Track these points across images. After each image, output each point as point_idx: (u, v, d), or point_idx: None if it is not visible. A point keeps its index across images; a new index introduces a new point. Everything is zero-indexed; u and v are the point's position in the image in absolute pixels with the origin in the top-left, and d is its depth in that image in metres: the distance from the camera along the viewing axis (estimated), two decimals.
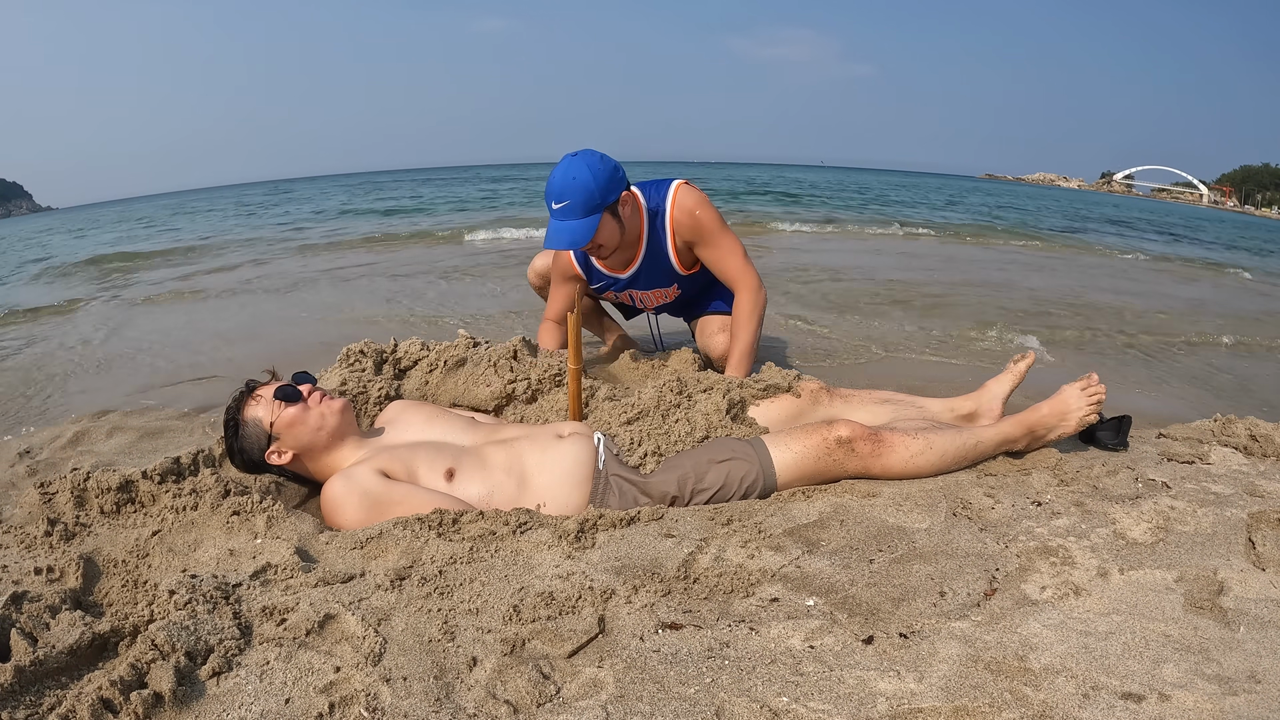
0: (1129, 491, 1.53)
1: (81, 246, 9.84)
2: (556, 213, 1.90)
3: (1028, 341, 3.33)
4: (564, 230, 1.90)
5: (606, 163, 1.93)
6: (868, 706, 0.92)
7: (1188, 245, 10.57)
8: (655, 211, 2.10)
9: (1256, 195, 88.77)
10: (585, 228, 1.89)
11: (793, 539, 1.32)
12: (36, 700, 0.90)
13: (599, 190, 1.89)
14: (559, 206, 1.89)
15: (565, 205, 1.88)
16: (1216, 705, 0.92)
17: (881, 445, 1.53)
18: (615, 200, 1.94)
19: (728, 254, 2.12)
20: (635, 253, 2.14)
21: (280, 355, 2.79)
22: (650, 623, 1.08)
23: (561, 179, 1.89)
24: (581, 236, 1.89)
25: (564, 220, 1.90)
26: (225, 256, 7.15)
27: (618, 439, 1.59)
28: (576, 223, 1.89)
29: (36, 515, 1.38)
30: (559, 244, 1.91)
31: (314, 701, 0.91)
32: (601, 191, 1.89)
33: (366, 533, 1.32)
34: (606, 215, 1.92)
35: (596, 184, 1.88)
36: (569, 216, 1.89)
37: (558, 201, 1.89)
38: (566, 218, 1.90)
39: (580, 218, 1.89)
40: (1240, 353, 3.47)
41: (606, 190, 1.90)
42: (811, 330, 3.41)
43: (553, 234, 1.92)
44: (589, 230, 1.89)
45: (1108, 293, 4.99)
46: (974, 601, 1.15)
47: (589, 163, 1.90)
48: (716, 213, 2.11)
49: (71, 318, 4.24)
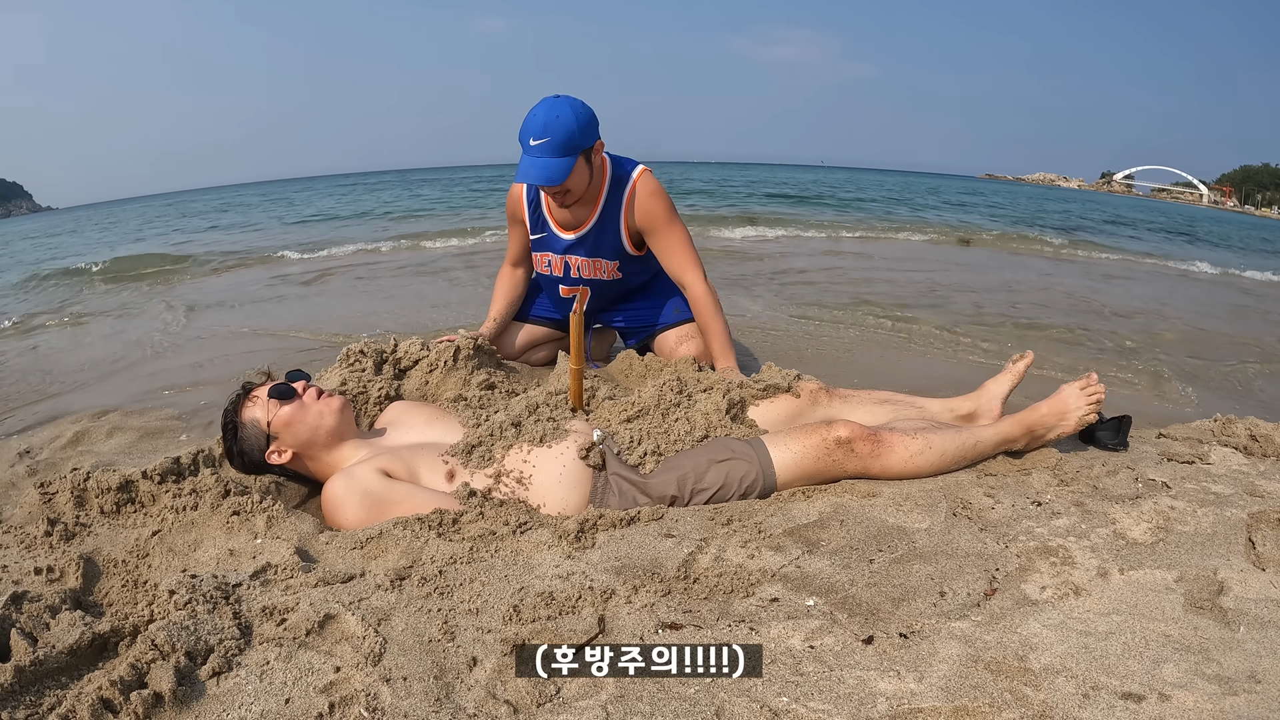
0: (1129, 491, 1.53)
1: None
2: (534, 149, 1.89)
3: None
4: (539, 166, 1.89)
5: (587, 108, 1.93)
6: (868, 706, 0.92)
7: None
8: (619, 179, 2.10)
9: (1256, 195, 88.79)
10: (562, 167, 1.89)
11: (793, 539, 1.32)
12: (36, 700, 0.90)
13: (579, 131, 1.88)
14: (538, 143, 1.88)
15: (545, 142, 1.87)
16: (1216, 705, 0.92)
17: (881, 445, 1.53)
18: (591, 146, 1.94)
19: (677, 244, 2.12)
20: (589, 215, 2.13)
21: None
22: (650, 623, 1.08)
23: (545, 116, 1.88)
24: (557, 174, 1.89)
25: (540, 157, 1.89)
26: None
27: (617, 438, 1.59)
28: (553, 160, 1.89)
29: (36, 515, 1.38)
30: (533, 178, 1.90)
31: (314, 701, 0.91)
32: (582, 133, 1.89)
33: (366, 533, 1.32)
34: (581, 159, 1.92)
35: (578, 124, 1.88)
36: (546, 154, 1.88)
37: (537, 138, 1.88)
38: (544, 155, 1.89)
39: (558, 156, 1.89)
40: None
41: (586, 133, 1.91)
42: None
43: (526, 168, 1.90)
44: (565, 170, 1.89)
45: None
46: (974, 601, 1.15)
47: (572, 104, 1.91)
48: (672, 203, 2.13)
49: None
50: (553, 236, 2.21)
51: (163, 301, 4.60)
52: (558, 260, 2.24)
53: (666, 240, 2.12)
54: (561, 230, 2.18)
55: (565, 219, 2.16)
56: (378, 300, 4.31)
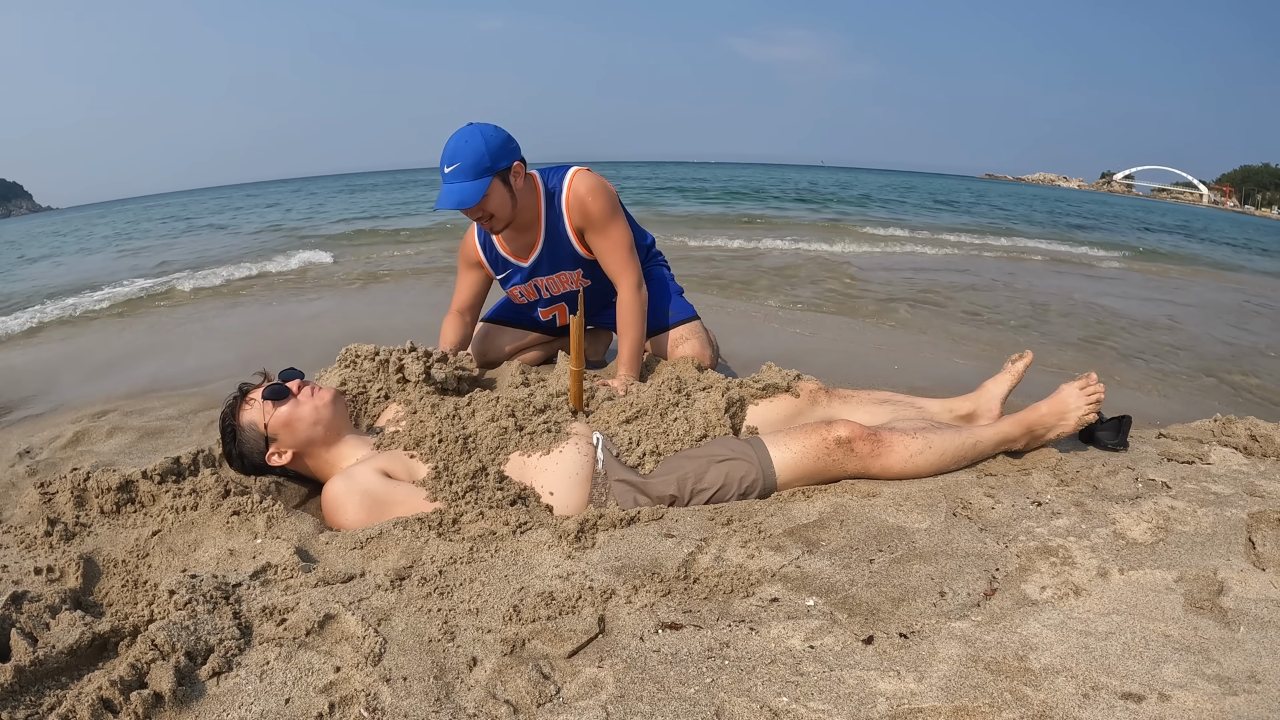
0: (1129, 491, 1.53)
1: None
2: (448, 176, 1.93)
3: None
4: (453, 191, 1.92)
5: (500, 132, 1.96)
6: (868, 706, 0.92)
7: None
8: (552, 192, 2.11)
9: (1256, 195, 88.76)
10: (474, 190, 1.91)
11: (793, 539, 1.32)
12: (36, 700, 0.90)
13: (489, 154, 1.91)
14: (450, 169, 1.92)
15: (456, 168, 1.91)
16: (1216, 705, 0.92)
17: (880, 445, 1.53)
18: (507, 168, 1.96)
19: (615, 245, 2.10)
20: (535, 236, 2.13)
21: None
22: (650, 623, 1.08)
23: (455, 143, 1.92)
24: (469, 197, 1.91)
25: (453, 182, 1.93)
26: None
27: (616, 439, 1.59)
28: (466, 184, 1.92)
29: (36, 515, 1.38)
30: (447, 203, 1.93)
31: (314, 701, 0.91)
32: (492, 156, 1.92)
33: (366, 533, 1.32)
34: (496, 181, 1.94)
35: (488, 148, 1.91)
36: (459, 179, 1.92)
37: (449, 165, 1.92)
38: (456, 180, 1.92)
39: (469, 180, 1.91)
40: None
41: (497, 156, 1.93)
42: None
43: (443, 195, 1.94)
44: (477, 192, 1.91)
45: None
46: (974, 601, 1.15)
47: (483, 130, 1.94)
48: (611, 201, 2.09)
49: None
50: (515, 269, 2.21)
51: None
52: (528, 288, 2.25)
53: (603, 239, 2.10)
54: (519, 260, 2.19)
55: (518, 248, 2.17)
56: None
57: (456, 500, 1.41)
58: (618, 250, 2.10)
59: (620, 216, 2.12)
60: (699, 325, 2.30)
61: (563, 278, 2.22)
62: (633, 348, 2.10)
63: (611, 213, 2.09)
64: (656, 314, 2.31)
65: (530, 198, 2.07)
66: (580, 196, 2.07)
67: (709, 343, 2.30)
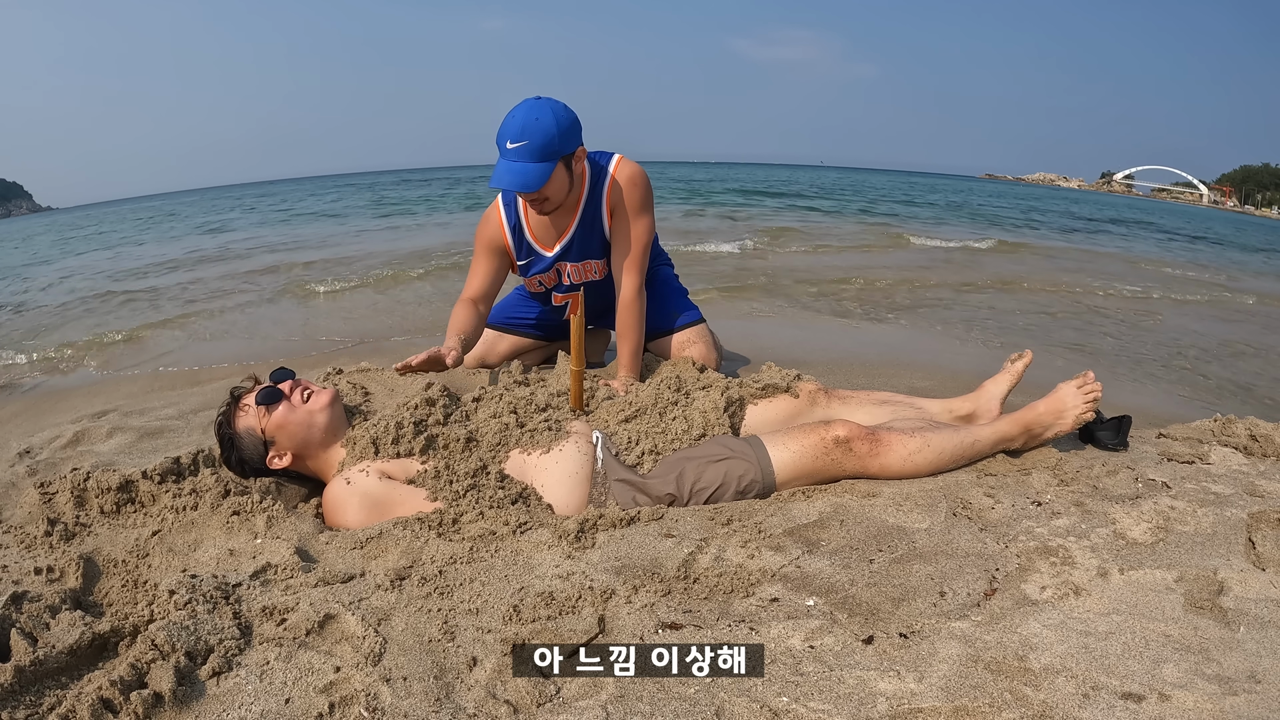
0: (1129, 491, 1.53)
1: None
2: (510, 153, 1.78)
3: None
4: (515, 171, 1.78)
5: (569, 113, 1.83)
6: (868, 706, 0.92)
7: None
8: (598, 174, 2.01)
9: (1256, 195, 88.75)
10: (539, 173, 1.77)
11: (793, 539, 1.32)
12: (36, 700, 0.90)
13: (559, 136, 1.78)
14: (515, 146, 1.77)
15: (522, 145, 1.77)
16: (1216, 705, 0.92)
17: (879, 445, 1.53)
18: (572, 152, 1.84)
19: (636, 239, 2.00)
20: (569, 221, 2.03)
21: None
22: (650, 623, 1.08)
23: (524, 118, 1.77)
24: (534, 180, 1.78)
25: (516, 161, 1.78)
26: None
27: (615, 438, 1.59)
28: (531, 165, 1.77)
29: (36, 515, 1.38)
30: (507, 183, 1.79)
31: (314, 701, 0.91)
32: (562, 138, 1.79)
33: (366, 533, 1.32)
34: (561, 166, 1.82)
35: (559, 130, 1.78)
36: (523, 159, 1.78)
37: (514, 141, 1.77)
38: (520, 159, 1.78)
39: (535, 161, 1.78)
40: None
41: (567, 139, 1.81)
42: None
43: (501, 172, 1.79)
44: (542, 176, 1.78)
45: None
46: (974, 601, 1.15)
47: (553, 107, 1.81)
48: (649, 194, 2.04)
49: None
50: (539, 257, 2.12)
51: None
52: (549, 273, 2.16)
53: (629, 230, 2.00)
54: (545, 248, 2.10)
55: (547, 234, 2.07)
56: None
57: (457, 500, 1.41)
58: (637, 245, 2.02)
59: (651, 213, 2.06)
60: (705, 328, 2.29)
61: (588, 266, 2.14)
62: (633, 350, 2.06)
63: (646, 205, 2.03)
64: (662, 316, 2.25)
65: (579, 183, 1.97)
66: (625, 181, 1.98)
67: (714, 345, 2.29)
